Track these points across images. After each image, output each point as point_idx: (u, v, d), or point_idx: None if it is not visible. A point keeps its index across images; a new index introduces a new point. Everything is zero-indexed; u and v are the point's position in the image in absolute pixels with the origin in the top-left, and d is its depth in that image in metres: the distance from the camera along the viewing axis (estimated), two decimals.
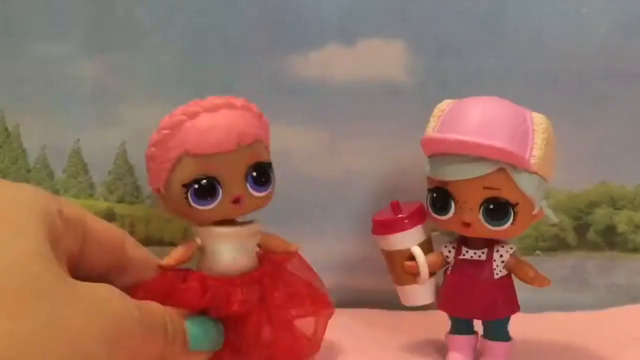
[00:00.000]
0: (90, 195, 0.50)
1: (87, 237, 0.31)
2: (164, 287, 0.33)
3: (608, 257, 0.49)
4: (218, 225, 0.35)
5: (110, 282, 0.29)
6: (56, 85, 0.48)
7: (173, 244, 0.47)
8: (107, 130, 0.48)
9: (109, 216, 0.49)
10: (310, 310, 0.37)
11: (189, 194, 0.34)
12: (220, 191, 0.34)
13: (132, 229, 0.49)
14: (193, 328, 0.33)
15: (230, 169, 0.34)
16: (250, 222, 0.36)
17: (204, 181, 0.34)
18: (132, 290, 0.32)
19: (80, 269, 0.30)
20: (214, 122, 0.34)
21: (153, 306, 0.31)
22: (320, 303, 0.37)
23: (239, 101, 0.35)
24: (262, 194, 0.35)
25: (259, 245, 0.37)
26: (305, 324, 0.37)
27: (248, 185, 0.35)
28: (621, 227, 0.48)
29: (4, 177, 0.50)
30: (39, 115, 0.49)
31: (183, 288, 0.33)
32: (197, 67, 0.47)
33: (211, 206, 0.34)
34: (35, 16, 0.48)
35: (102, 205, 0.50)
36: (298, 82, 0.46)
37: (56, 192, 0.50)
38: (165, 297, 0.32)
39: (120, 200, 0.50)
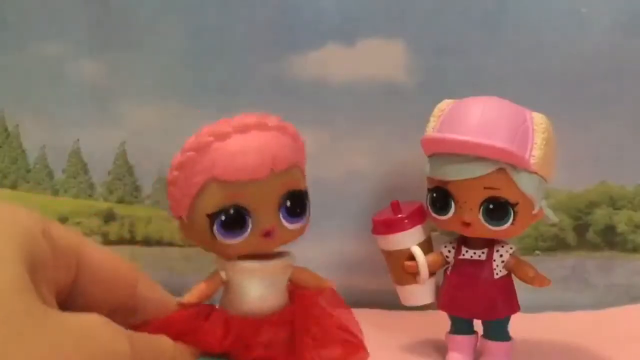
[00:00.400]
0: (90, 196, 0.50)
1: (84, 269, 0.27)
2: (182, 324, 0.30)
3: (607, 257, 0.49)
4: (246, 259, 0.31)
5: (117, 323, 0.26)
6: (56, 85, 0.48)
7: (173, 244, 0.48)
8: (107, 130, 0.48)
9: (109, 216, 0.49)
10: (342, 355, 0.33)
11: (214, 225, 0.30)
12: (250, 223, 0.30)
13: (132, 229, 0.49)
14: None
15: (261, 198, 0.30)
16: (281, 253, 0.32)
17: (232, 211, 0.30)
18: (145, 325, 0.29)
19: (75, 305, 0.27)
20: (245, 145, 0.30)
21: (159, 340, 0.28)
22: (353, 347, 0.34)
23: (271, 120, 0.31)
24: (296, 226, 0.31)
25: (289, 280, 0.33)
26: None
27: (281, 216, 0.31)
28: (621, 227, 0.48)
29: (4, 177, 0.50)
30: (39, 115, 0.49)
31: (203, 329, 0.30)
32: (197, 67, 0.47)
33: (239, 239, 0.30)
34: (35, 16, 0.48)
35: (102, 205, 0.50)
36: (298, 82, 0.46)
37: (56, 192, 0.50)
38: (182, 335, 0.30)
39: (120, 201, 0.49)
